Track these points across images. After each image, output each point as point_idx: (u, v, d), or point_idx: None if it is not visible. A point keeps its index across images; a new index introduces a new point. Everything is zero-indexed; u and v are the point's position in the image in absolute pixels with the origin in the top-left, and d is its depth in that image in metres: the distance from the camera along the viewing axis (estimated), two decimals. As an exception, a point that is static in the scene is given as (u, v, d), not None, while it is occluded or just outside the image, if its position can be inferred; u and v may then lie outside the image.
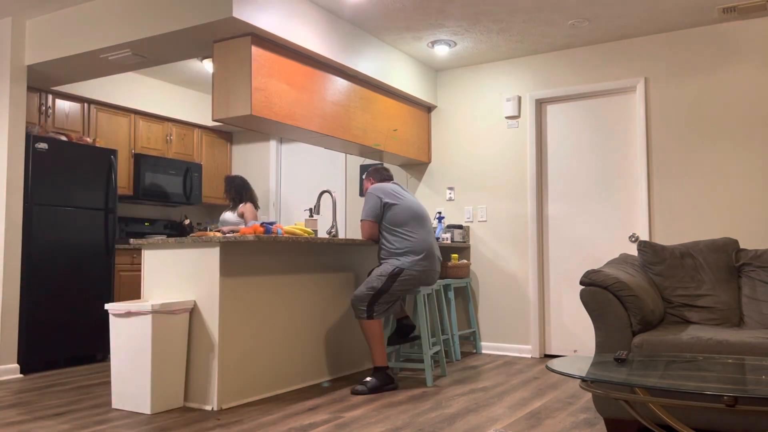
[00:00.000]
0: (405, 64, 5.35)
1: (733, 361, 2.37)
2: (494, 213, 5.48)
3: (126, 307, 3.41)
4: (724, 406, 1.78)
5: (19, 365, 4.49)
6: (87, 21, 4.31)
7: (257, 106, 3.95)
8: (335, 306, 4.39)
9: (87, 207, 5.03)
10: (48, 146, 4.76)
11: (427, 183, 5.83)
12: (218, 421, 3.20)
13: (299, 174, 6.65)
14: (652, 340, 2.81)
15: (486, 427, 3.08)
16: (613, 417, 2.81)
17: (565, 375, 2.10)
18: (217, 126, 6.73)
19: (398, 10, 4.46)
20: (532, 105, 5.35)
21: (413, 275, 3.94)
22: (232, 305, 3.57)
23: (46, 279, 4.71)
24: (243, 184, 5.55)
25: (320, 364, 4.22)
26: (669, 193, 4.78)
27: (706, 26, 4.71)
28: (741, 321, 3.31)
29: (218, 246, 3.50)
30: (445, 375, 4.38)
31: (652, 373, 2.14)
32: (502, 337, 5.37)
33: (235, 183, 5.54)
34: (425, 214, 4.15)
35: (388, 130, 5.26)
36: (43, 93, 5.20)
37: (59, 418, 3.28)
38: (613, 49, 5.04)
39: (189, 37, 4.03)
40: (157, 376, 3.36)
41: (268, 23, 3.95)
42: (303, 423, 3.15)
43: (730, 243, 3.51)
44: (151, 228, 6.34)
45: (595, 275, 3.01)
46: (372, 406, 3.52)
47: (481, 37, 4.97)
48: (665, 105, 4.83)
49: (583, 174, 5.17)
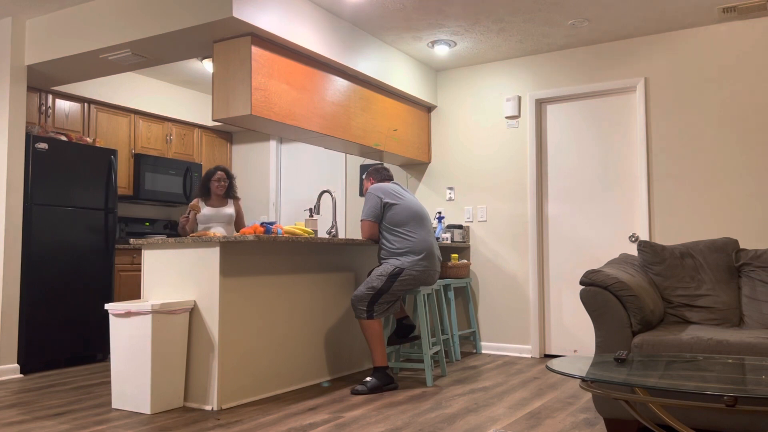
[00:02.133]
0: (405, 64, 5.35)
1: (733, 361, 2.37)
2: (494, 213, 5.48)
3: (126, 307, 3.41)
4: (724, 406, 1.78)
5: (19, 365, 4.49)
6: (87, 21, 4.31)
7: (257, 106, 3.95)
8: (335, 306, 4.39)
9: (87, 207, 5.03)
10: (48, 146, 4.76)
11: (427, 183, 5.83)
12: (218, 421, 3.20)
13: (299, 174, 6.65)
14: (652, 340, 2.81)
15: (486, 427, 3.08)
16: (613, 417, 2.81)
17: (565, 375, 2.10)
18: (217, 126, 6.73)
19: (398, 10, 4.46)
20: (532, 105, 5.35)
21: (413, 275, 3.94)
22: (232, 305, 3.57)
23: (46, 279, 4.71)
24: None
25: (320, 364, 4.22)
26: (669, 193, 4.78)
27: (706, 26, 4.71)
28: (741, 321, 3.31)
29: (218, 246, 3.50)
30: (445, 375, 4.38)
31: (652, 373, 2.14)
32: (502, 337, 5.37)
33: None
34: (425, 214, 4.15)
35: (388, 130, 5.26)
36: (43, 93, 5.20)
37: (59, 418, 3.28)
38: (613, 49, 5.04)
39: (189, 37, 4.03)
40: (157, 376, 3.36)
41: (268, 23, 3.95)
42: (303, 423, 3.15)
43: (730, 243, 3.51)
44: (151, 228, 6.34)
45: (595, 275, 3.01)
46: (372, 406, 3.52)
47: (481, 37, 4.97)
48: (665, 105, 4.83)
49: (583, 174, 5.17)
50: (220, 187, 4.81)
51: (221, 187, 4.81)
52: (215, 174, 4.84)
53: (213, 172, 4.86)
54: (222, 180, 4.83)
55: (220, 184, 4.81)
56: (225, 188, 4.85)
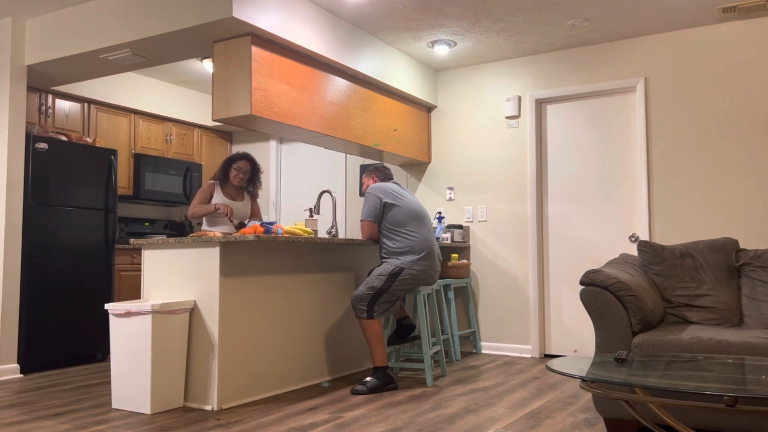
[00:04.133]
0: (405, 64, 5.35)
1: (733, 361, 2.37)
2: (494, 213, 5.48)
3: (126, 307, 3.41)
4: (724, 406, 1.78)
5: (19, 365, 4.49)
6: (87, 21, 4.31)
7: (257, 106, 3.95)
8: (335, 306, 4.39)
9: (87, 207, 5.03)
10: (48, 146, 4.76)
11: (427, 183, 5.83)
12: (218, 421, 3.20)
13: (299, 174, 6.65)
14: (652, 340, 2.81)
15: (486, 427, 3.08)
16: (613, 417, 2.81)
17: (565, 375, 2.10)
18: (217, 126, 6.73)
19: (398, 10, 4.46)
20: (532, 105, 5.35)
21: (413, 275, 3.94)
22: (232, 305, 3.57)
23: (46, 279, 4.71)
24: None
25: (320, 364, 4.22)
26: (669, 193, 4.78)
27: (706, 26, 4.71)
28: (741, 321, 3.31)
29: (218, 246, 3.50)
30: (445, 375, 4.38)
31: (652, 373, 2.14)
32: (502, 337, 5.37)
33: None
34: (425, 213, 4.15)
35: (388, 130, 5.26)
36: (43, 93, 5.20)
37: (59, 418, 3.28)
38: (613, 49, 5.04)
39: (189, 37, 4.03)
40: (157, 376, 3.36)
41: (268, 23, 3.95)
42: (303, 423, 3.15)
43: (730, 243, 3.51)
44: (151, 228, 6.34)
45: (595, 275, 3.01)
46: (372, 406, 3.52)
47: (481, 37, 4.97)
48: (665, 105, 4.83)
49: (583, 174, 5.17)
50: (238, 178, 4.40)
51: (241, 178, 4.40)
52: (238, 161, 4.41)
53: (236, 158, 4.42)
54: (244, 171, 4.41)
55: (239, 174, 4.40)
56: (245, 180, 4.44)
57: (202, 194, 4.41)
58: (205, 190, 4.43)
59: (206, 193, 4.42)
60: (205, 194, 4.41)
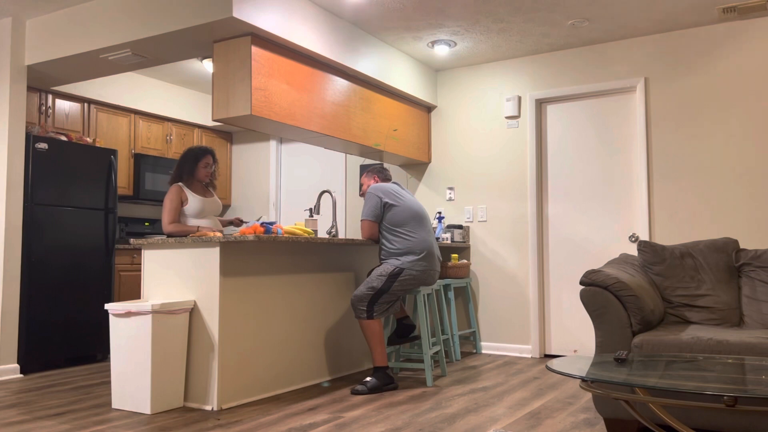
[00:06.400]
0: (405, 64, 5.35)
1: (733, 361, 2.37)
2: (494, 213, 5.48)
3: (126, 307, 3.41)
4: (724, 406, 1.78)
5: (19, 365, 4.49)
6: (87, 21, 4.31)
7: (257, 106, 3.95)
8: (335, 306, 4.39)
9: (87, 207, 5.03)
10: (48, 146, 4.76)
11: (427, 183, 5.83)
12: (218, 421, 3.20)
13: (299, 174, 6.65)
14: (652, 340, 2.81)
15: (486, 427, 3.08)
16: (613, 417, 2.81)
17: (565, 375, 2.10)
18: (217, 126, 6.72)
19: (398, 10, 4.46)
20: (532, 105, 5.35)
21: (413, 275, 3.94)
22: (232, 305, 3.57)
23: (46, 279, 4.71)
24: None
25: (320, 364, 4.22)
26: (669, 193, 4.78)
27: (706, 26, 4.71)
28: (741, 321, 3.31)
29: (218, 246, 3.50)
30: (445, 375, 4.38)
31: (652, 373, 2.14)
32: (502, 337, 5.37)
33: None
34: (425, 214, 4.15)
35: (388, 130, 5.26)
36: (43, 93, 5.20)
37: (59, 418, 3.28)
38: (613, 49, 5.04)
39: (189, 37, 4.03)
40: (157, 376, 3.36)
41: (268, 23, 3.95)
42: (303, 423, 3.15)
43: (730, 243, 3.51)
44: (151, 228, 6.34)
45: (595, 275, 3.01)
46: (372, 406, 3.52)
47: (481, 37, 4.97)
48: (665, 105, 4.83)
49: (583, 174, 5.17)
50: (207, 174, 4.18)
51: (208, 173, 4.18)
52: (204, 157, 4.16)
53: (201, 154, 4.15)
54: (210, 166, 4.19)
55: (207, 170, 4.17)
56: (210, 174, 4.20)
57: (173, 204, 4.04)
58: (175, 199, 4.05)
59: (177, 201, 4.05)
60: (176, 203, 4.05)
